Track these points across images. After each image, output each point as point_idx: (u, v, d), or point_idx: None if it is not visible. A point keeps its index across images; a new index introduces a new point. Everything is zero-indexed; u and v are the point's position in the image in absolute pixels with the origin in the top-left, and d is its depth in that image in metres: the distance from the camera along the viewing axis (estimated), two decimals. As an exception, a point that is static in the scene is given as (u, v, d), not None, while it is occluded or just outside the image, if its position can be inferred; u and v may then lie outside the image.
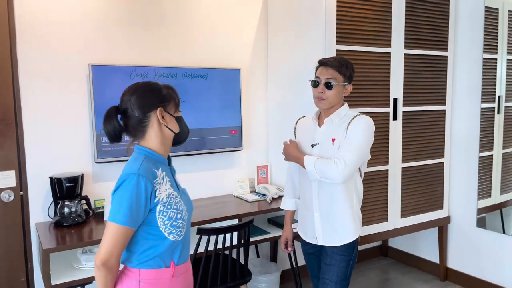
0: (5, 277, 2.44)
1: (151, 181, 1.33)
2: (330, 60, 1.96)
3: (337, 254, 2.01)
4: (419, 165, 3.14)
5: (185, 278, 1.48)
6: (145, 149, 1.40)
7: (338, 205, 1.99)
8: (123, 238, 1.32)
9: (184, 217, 1.40)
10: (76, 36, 2.55)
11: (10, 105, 2.40)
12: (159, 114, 1.38)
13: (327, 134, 1.99)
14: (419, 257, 3.70)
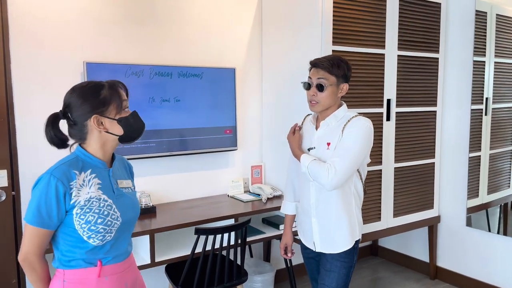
0: (-5, 279, 2.38)
1: (64, 183, 1.30)
2: (321, 60, 1.86)
3: (337, 260, 1.95)
4: (411, 165, 3.19)
5: (120, 279, 1.44)
6: (82, 150, 1.39)
7: (335, 211, 1.92)
8: (37, 238, 1.33)
9: (108, 222, 1.35)
10: (70, 34, 2.50)
11: (3, 103, 2.34)
12: (94, 122, 1.35)
13: (323, 138, 1.91)
14: (409, 256, 3.75)
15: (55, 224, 1.33)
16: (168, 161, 2.89)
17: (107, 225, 1.35)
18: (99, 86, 1.37)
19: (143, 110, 2.67)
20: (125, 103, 1.41)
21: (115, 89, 1.39)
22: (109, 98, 1.36)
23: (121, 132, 1.39)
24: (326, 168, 1.79)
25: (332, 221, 1.94)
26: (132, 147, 2.65)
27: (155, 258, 2.33)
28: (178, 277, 2.39)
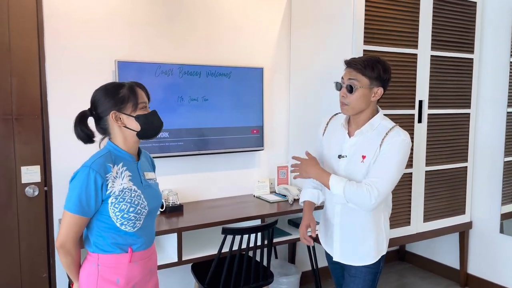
0: (27, 273, 2.43)
1: (101, 175, 1.43)
2: (355, 60, 1.74)
3: (363, 266, 1.86)
4: (442, 169, 3.09)
5: (146, 264, 1.58)
6: (112, 145, 1.52)
7: (361, 225, 1.82)
8: (75, 225, 1.45)
9: (138, 210, 1.49)
10: (102, 33, 2.54)
11: (37, 100, 2.40)
12: (113, 118, 1.48)
13: (357, 148, 1.78)
14: (437, 262, 3.65)
15: (92, 212, 1.46)
16: (196, 160, 2.89)
17: (138, 213, 1.49)
18: (119, 86, 1.50)
19: (172, 109, 2.69)
20: (143, 103, 1.52)
21: (133, 89, 1.50)
22: (127, 96, 1.48)
23: (138, 128, 1.50)
24: (366, 189, 1.68)
25: (357, 234, 1.84)
26: (161, 145, 2.67)
27: (182, 257, 2.34)
28: (204, 277, 2.39)
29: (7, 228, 2.37)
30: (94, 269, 1.49)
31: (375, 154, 1.73)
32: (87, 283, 1.50)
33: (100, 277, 1.49)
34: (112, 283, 1.50)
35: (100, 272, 1.49)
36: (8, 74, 2.31)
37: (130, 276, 1.52)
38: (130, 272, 1.52)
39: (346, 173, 1.80)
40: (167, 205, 2.62)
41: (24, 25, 2.33)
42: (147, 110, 1.53)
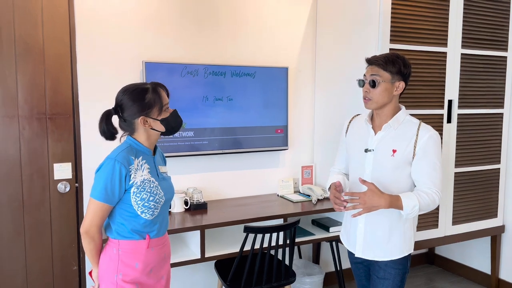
0: (58, 265, 2.55)
1: (125, 167, 1.54)
2: (376, 57, 1.81)
3: (391, 267, 1.86)
4: (473, 171, 3.00)
5: (161, 251, 1.69)
6: (133, 140, 1.63)
7: (389, 221, 1.82)
8: (100, 212, 1.56)
9: (157, 199, 1.60)
10: (130, 35, 2.62)
11: (69, 100, 2.50)
12: (141, 122, 1.58)
13: (385, 142, 1.82)
14: (468, 267, 3.54)
15: (116, 200, 1.57)
16: (220, 159, 2.93)
17: (156, 202, 1.60)
18: (144, 90, 1.58)
19: (197, 108, 2.74)
20: (166, 105, 1.62)
21: (157, 93, 1.59)
22: (152, 101, 1.57)
23: (163, 129, 1.64)
24: (434, 197, 1.75)
25: (383, 231, 1.84)
26: (186, 144, 2.72)
27: (205, 254, 2.38)
28: (227, 274, 2.43)
29: (41, 222, 2.48)
30: (115, 254, 1.60)
31: (407, 150, 1.77)
32: (108, 267, 1.60)
33: (120, 261, 1.60)
34: (131, 267, 1.60)
35: (121, 256, 1.60)
36: (43, 76, 2.42)
37: (147, 261, 1.63)
38: (148, 257, 1.63)
39: (374, 167, 1.83)
40: (191, 202, 2.67)
41: (57, 30, 2.44)
42: (170, 110, 1.64)
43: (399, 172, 1.80)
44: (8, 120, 2.37)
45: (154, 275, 1.67)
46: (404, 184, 1.82)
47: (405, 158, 1.78)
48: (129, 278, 1.60)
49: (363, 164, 1.87)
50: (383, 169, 1.81)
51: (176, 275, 2.86)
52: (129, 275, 1.60)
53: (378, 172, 1.83)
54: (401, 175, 1.80)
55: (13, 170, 2.40)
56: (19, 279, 2.45)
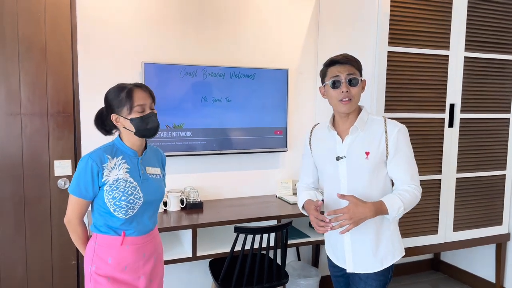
0: (57, 259, 2.62)
1: (97, 164, 1.60)
2: (347, 56, 1.74)
3: (372, 279, 1.78)
4: (476, 177, 2.93)
5: (139, 250, 1.70)
6: (118, 140, 1.69)
7: (373, 225, 1.75)
8: (77, 205, 1.65)
9: (131, 200, 1.62)
10: (130, 35, 2.67)
11: (70, 99, 2.58)
12: (113, 119, 1.65)
13: (356, 146, 1.74)
14: (473, 274, 3.46)
15: (91, 196, 1.64)
16: (218, 159, 2.96)
17: (129, 202, 1.63)
18: (120, 89, 1.64)
19: (195, 109, 2.77)
20: (139, 106, 1.62)
21: (130, 93, 1.62)
22: (124, 101, 1.61)
23: (133, 129, 1.64)
24: (417, 191, 1.71)
25: (370, 237, 1.76)
26: (183, 144, 2.76)
27: (196, 252, 2.41)
28: (220, 273, 2.45)
29: (41, 216, 2.56)
30: (92, 247, 1.68)
31: (380, 149, 1.71)
32: (87, 258, 1.70)
33: (95, 254, 1.66)
34: (104, 261, 1.66)
35: (96, 250, 1.67)
36: (45, 74, 2.50)
37: (120, 257, 1.67)
38: (121, 254, 1.66)
39: (349, 174, 1.75)
40: (187, 201, 2.70)
41: (59, 30, 2.51)
42: (144, 113, 1.63)
43: (376, 175, 1.73)
44: (11, 118, 2.45)
45: (130, 273, 1.69)
46: (383, 186, 1.76)
47: (379, 158, 1.72)
48: (102, 272, 1.65)
49: (337, 173, 1.78)
50: (359, 174, 1.73)
51: (172, 273, 2.90)
52: (102, 268, 1.65)
53: (354, 179, 1.75)
54: (378, 177, 1.74)
55: (15, 166, 2.48)
56: (20, 270, 2.54)
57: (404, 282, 3.61)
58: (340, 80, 1.70)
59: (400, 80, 2.63)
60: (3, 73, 2.42)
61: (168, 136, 2.72)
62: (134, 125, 1.62)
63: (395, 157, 1.71)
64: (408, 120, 2.66)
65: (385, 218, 1.74)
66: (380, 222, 1.76)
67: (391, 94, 2.61)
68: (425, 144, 2.74)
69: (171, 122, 2.72)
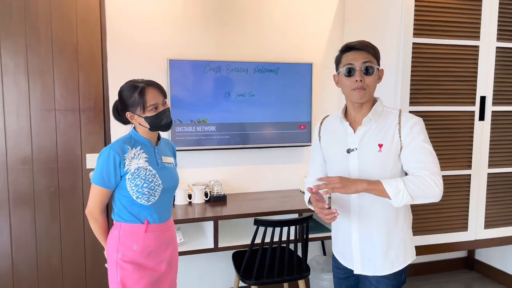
0: (89, 249, 2.76)
1: (119, 155, 1.69)
2: (364, 42, 1.63)
3: (384, 284, 1.68)
4: (509, 172, 2.80)
5: (161, 236, 1.80)
6: (134, 131, 1.78)
7: (386, 225, 1.66)
8: (100, 195, 1.72)
9: (152, 186, 1.71)
10: (157, 33, 2.76)
11: (100, 95, 2.70)
12: (128, 116, 1.73)
13: (369, 138, 1.65)
14: (508, 274, 3.31)
15: (113, 185, 1.72)
16: (242, 154, 3.00)
17: (151, 189, 1.72)
18: (132, 89, 1.70)
19: (219, 104, 2.83)
20: (152, 105, 1.69)
21: (143, 93, 1.68)
22: (137, 101, 1.69)
23: (148, 126, 1.73)
24: (430, 179, 1.53)
25: (380, 237, 1.67)
26: (207, 138, 2.82)
27: (218, 243, 2.46)
28: (242, 265, 2.49)
29: (74, 207, 2.71)
30: (117, 235, 1.75)
31: (394, 141, 1.61)
32: (111, 246, 1.76)
33: (120, 242, 1.74)
34: (130, 248, 1.74)
35: (121, 238, 1.74)
36: (76, 72, 2.64)
37: (145, 244, 1.75)
38: (146, 241, 1.75)
39: (360, 167, 1.66)
40: (211, 194, 2.76)
41: (90, 28, 2.64)
42: (157, 110, 1.71)
43: (389, 169, 1.62)
44: (46, 113, 2.61)
45: (154, 258, 1.78)
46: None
47: (393, 151, 1.62)
48: (128, 258, 1.73)
49: (347, 167, 1.68)
50: (371, 168, 1.63)
51: (196, 264, 2.98)
52: (128, 255, 1.73)
53: (365, 173, 1.64)
54: (391, 172, 1.63)
55: (50, 159, 2.64)
56: (55, 259, 2.70)
57: (437, 280, 3.51)
58: (355, 68, 1.60)
59: (426, 72, 2.56)
60: (38, 71, 2.57)
61: (192, 130, 2.79)
62: (148, 123, 1.71)
63: (408, 148, 1.60)
64: (435, 114, 2.59)
65: (398, 218, 1.66)
66: (392, 219, 1.67)
67: (416, 87, 2.55)
68: (453, 138, 2.66)
69: (196, 117, 2.79)
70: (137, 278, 1.73)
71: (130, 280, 1.72)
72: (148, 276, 1.76)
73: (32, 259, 2.66)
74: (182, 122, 2.77)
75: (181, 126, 2.76)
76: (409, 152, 1.60)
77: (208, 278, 3.03)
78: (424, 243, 2.67)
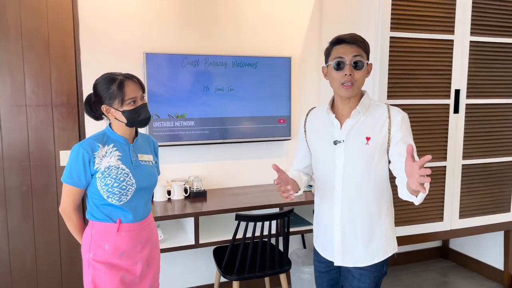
0: (65, 247, 2.68)
1: (88, 153, 1.63)
2: (351, 35, 1.62)
3: (366, 276, 1.70)
4: (483, 163, 2.88)
5: (135, 236, 1.74)
6: (109, 128, 1.71)
7: (369, 217, 1.67)
8: (71, 194, 1.68)
9: (123, 186, 1.65)
10: (133, 26, 2.69)
11: (73, 90, 2.61)
12: (104, 110, 1.66)
13: (356, 130, 1.65)
14: (482, 262, 3.43)
15: (84, 184, 1.67)
16: (221, 148, 2.98)
17: (122, 188, 1.66)
18: (110, 81, 1.63)
19: (198, 98, 2.78)
20: (130, 99, 1.63)
21: (122, 86, 1.62)
22: (115, 93, 1.62)
23: (124, 121, 1.66)
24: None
25: (362, 230, 1.68)
26: (186, 133, 2.78)
27: (199, 240, 2.44)
28: (223, 261, 2.48)
29: (48, 206, 2.62)
30: (89, 234, 1.71)
31: (382, 135, 1.62)
32: (84, 245, 1.73)
33: (92, 241, 1.69)
34: (101, 248, 1.69)
35: (93, 237, 1.70)
36: (48, 66, 2.54)
37: (117, 244, 1.70)
38: (118, 241, 1.70)
39: (346, 160, 1.66)
40: (191, 190, 2.73)
41: (61, 20, 2.54)
42: (136, 105, 1.65)
43: (374, 163, 1.64)
44: (16, 109, 2.50)
45: (128, 259, 1.72)
46: (381, 177, 1.67)
47: (380, 144, 1.63)
48: (100, 258, 1.68)
49: (333, 158, 1.68)
50: (357, 160, 1.65)
51: (177, 261, 2.94)
52: (100, 255, 1.68)
53: (351, 165, 1.66)
54: (376, 166, 1.65)
55: (22, 157, 2.54)
56: (29, 259, 2.61)
57: (413, 270, 3.59)
58: (344, 62, 1.59)
59: (403, 66, 2.59)
60: (7, 66, 2.46)
61: (171, 125, 2.74)
62: (126, 117, 1.64)
63: (399, 144, 1.61)
64: (411, 107, 2.63)
65: (381, 210, 1.68)
66: (376, 211, 1.68)
67: (393, 81, 2.58)
68: (429, 130, 2.71)
69: (174, 112, 2.74)
70: (108, 279, 1.68)
71: (101, 280, 1.68)
72: (120, 277, 1.70)
73: (5, 260, 2.56)
74: (160, 117, 2.71)
75: (159, 121, 2.71)
76: (399, 147, 1.61)
77: (188, 275, 3.00)
78: (402, 234, 2.73)
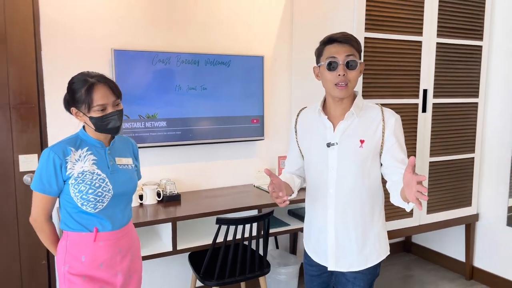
0: (26, 260, 2.47)
1: (60, 157, 1.51)
2: (343, 35, 1.58)
3: (360, 279, 1.68)
4: (447, 160, 3.01)
5: (114, 245, 1.62)
6: (82, 131, 1.61)
7: (363, 220, 1.65)
8: (41, 203, 1.56)
9: (99, 193, 1.54)
10: (99, 20, 2.52)
11: (34, 89, 2.40)
12: (73, 113, 1.56)
13: (350, 132, 1.61)
14: (444, 255, 3.58)
15: (56, 191, 1.54)
16: (194, 150, 2.88)
17: (97, 195, 1.54)
18: (81, 83, 1.51)
19: (169, 98, 2.67)
20: (99, 106, 1.50)
21: (91, 90, 1.49)
22: (82, 98, 1.50)
23: (92, 127, 1.55)
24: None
25: (356, 233, 1.65)
26: (158, 134, 2.66)
27: (177, 246, 2.33)
28: (200, 266, 2.39)
29: (7, 215, 2.40)
30: (64, 245, 1.58)
31: (376, 138, 1.60)
32: (59, 258, 1.60)
33: (68, 253, 1.57)
34: (78, 260, 1.57)
35: (68, 248, 1.57)
36: (5, 63, 2.32)
37: (95, 254, 1.58)
38: (95, 251, 1.58)
39: (339, 163, 1.63)
40: (164, 194, 2.61)
41: (20, 15, 2.33)
42: (104, 112, 1.52)
43: (367, 166, 1.62)
44: (-32, 110, 2.27)
45: (107, 270, 1.61)
46: (374, 180, 1.65)
47: (374, 147, 1.61)
48: (76, 271, 1.56)
49: (326, 161, 1.64)
50: (350, 163, 1.61)
51: (149, 268, 2.81)
52: (76, 267, 1.57)
53: (344, 168, 1.62)
54: (369, 169, 1.62)
55: (-25, 162, 2.30)
56: (-16, 274, 2.38)
57: (378, 265, 3.69)
58: (337, 62, 1.55)
59: (377, 66, 2.64)
60: (-43, 61, 2.22)
61: (141, 126, 2.61)
62: (93, 124, 1.53)
63: (393, 147, 1.60)
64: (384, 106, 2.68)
65: (374, 213, 1.67)
66: (369, 215, 1.66)
67: (368, 80, 2.62)
68: (400, 129, 2.78)
69: (144, 112, 2.61)
70: None
71: None
72: None
73: (-44, 278, 2.31)
74: (129, 118, 2.57)
75: (128, 122, 2.56)
76: (396, 151, 1.60)
77: (161, 283, 2.87)
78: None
